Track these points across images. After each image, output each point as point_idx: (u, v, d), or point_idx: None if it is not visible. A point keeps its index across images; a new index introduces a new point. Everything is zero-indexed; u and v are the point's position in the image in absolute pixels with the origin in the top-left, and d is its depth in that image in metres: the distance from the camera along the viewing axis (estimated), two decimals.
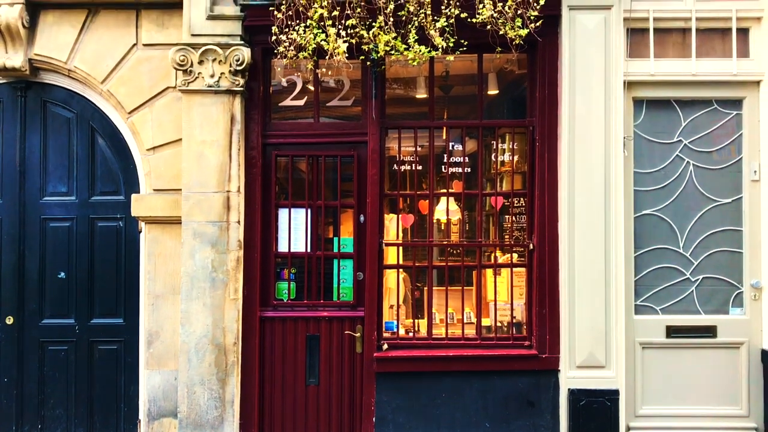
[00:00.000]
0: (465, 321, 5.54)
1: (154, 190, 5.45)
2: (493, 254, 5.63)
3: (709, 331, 5.36)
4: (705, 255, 5.40)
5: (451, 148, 5.61)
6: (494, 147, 5.58)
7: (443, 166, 5.59)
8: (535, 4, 5.02)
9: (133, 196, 5.44)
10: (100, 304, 5.59)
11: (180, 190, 5.33)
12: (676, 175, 5.41)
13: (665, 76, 5.34)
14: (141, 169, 5.54)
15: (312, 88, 5.61)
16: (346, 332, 5.44)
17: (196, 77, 5.26)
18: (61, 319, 5.59)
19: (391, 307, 5.64)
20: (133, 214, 5.44)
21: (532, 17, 5.03)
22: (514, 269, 5.54)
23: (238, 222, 5.34)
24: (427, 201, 5.57)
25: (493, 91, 5.80)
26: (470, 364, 5.35)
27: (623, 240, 5.24)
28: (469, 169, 5.61)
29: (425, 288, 5.56)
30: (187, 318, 5.26)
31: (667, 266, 5.41)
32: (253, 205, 5.41)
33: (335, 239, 5.57)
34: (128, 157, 5.58)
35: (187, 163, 5.29)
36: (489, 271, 5.61)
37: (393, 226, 5.66)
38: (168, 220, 5.40)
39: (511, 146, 5.61)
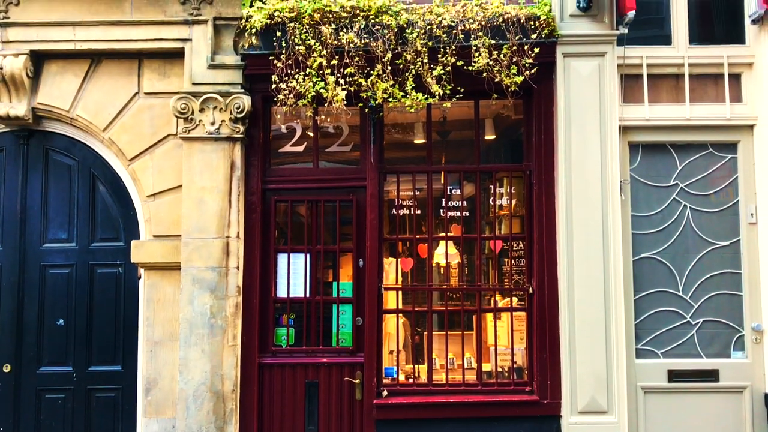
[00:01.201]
0: (465, 366, 5.50)
1: (154, 236, 5.47)
2: (492, 298, 5.62)
3: (711, 375, 5.31)
4: (705, 298, 5.39)
5: (449, 192, 5.65)
6: (492, 191, 5.62)
7: (442, 210, 5.63)
8: (530, 52, 5.14)
9: (133, 243, 5.45)
10: (98, 351, 5.56)
11: (179, 236, 5.34)
12: (674, 218, 5.44)
13: (660, 121, 5.42)
14: (141, 216, 5.56)
15: (311, 134, 5.68)
16: (346, 379, 5.39)
17: (197, 125, 5.33)
18: (59, 367, 5.54)
19: (391, 352, 5.60)
20: (132, 261, 5.45)
21: (527, 64, 5.14)
22: (514, 313, 5.53)
23: (237, 267, 5.34)
24: (426, 245, 5.58)
25: (490, 136, 5.87)
26: (471, 411, 5.30)
27: (623, 283, 5.24)
28: (467, 213, 5.64)
29: (425, 333, 5.53)
30: (185, 365, 5.23)
31: (667, 309, 5.40)
32: (253, 251, 5.42)
33: (334, 284, 5.57)
34: (129, 204, 5.62)
35: (187, 209, 5.32)
36: (489, 315, 5.59)
37: (392, 270, 5.67)
38: (167, 266, 5.41)
39: (508, 190, 5.65)
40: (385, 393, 5.34)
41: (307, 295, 5.51)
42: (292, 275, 5.53)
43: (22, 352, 5.54)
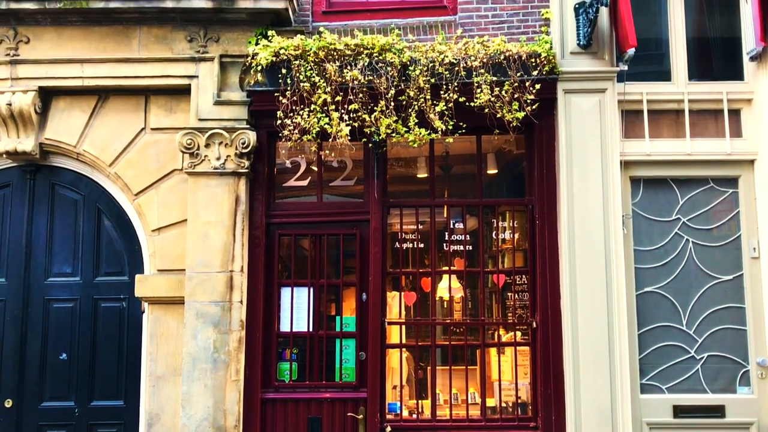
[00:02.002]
0: (469, 401, 5.47)
1: (158, 270, 5.49)
2: (496, 332, 5.60)
3: (718, 410, 5.27)
4: (709, 332, 5.37)
5: (452, 225, 5.67)
6: (495, 225, 5.65)
7: (445, 244, 5.65)
8: (531, 89, 5.21)
9: (137, 277, 5.47)
10: (100, 386, 5.54)
11: (184, 270, 5.36)
12: (676, 252, 5.45)
13: (661, 156, 5.46)
14: (146, 250, 5.59)
15: (315, 168, 5.73)
16: (349, 414, 5.35)
17: (203, 160, 5.39)
18: (61, 402, 5.51)
19: (394, 387, 5.57)
20: (136, 295, 5.45)
21: (528, 100, 5.20)
22: (518, 348, 5.51)
23: (241, 302, 5.35)
24: (430, 279, 5.59)
25: (492, 171, 5.92)
26: None
27: (626, 317, 5.23)
28: (470, 247, 5.66)
29: (429, 368, 5.51)
30: (188, 400, 5.20)
31: (671, 344, 5.37)
32: (256, 285, 5.43)
33: (337, 318, 5.57)
34: (133, 238, 5.65)
35: (191, 243, 5.35)
36: (493, 350, 5.58)
37: (395, 303, 5.67)
38: (171, 301, 5.41)
39: (511, 224, 5.68)
40: (388, 429, 5.30)
41: (310, 330, 5.51)
42: (296, 309, 5.53)
43: (24, 386, 5.52)
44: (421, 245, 5.64)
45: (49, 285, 5.62)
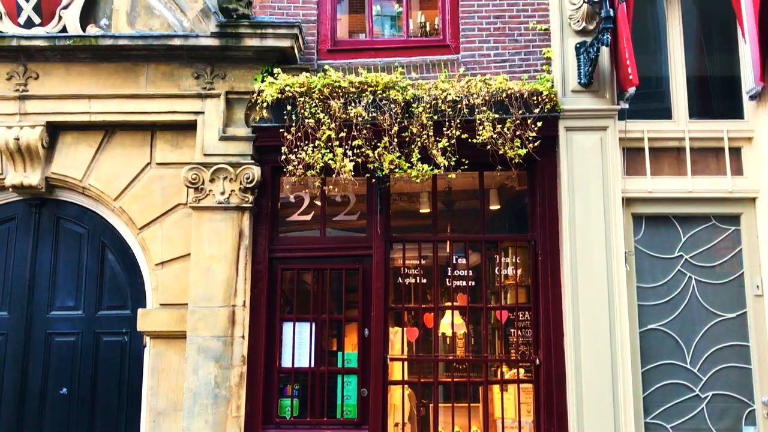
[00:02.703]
0: None
1: (161, 304, 5.48)
2: (499, 369, 5.57)
3: None
4: (713, 371, 5.33)
5: (454, 261, 5.68)
6: (498, 260, 5.66)
7: (447, 279, 5.65)
8: (533, 126, 5.26)
9: (140, 311, 5.46)
10: (101, 421, 5.49)
11: (186, 304, 5.36)
12: (679, 289, 5.44)
13: (662, 193, 5.48)
14: (149, 284, 5.60)
15: (319, 203, 5.76)
16: None
17: (207, 194, 5.43)
18: None
19: (396, 425, 5.53)
20: (138, 329, 5.44)
21: (530, 137, 5.25)
22: (522, 385, 5.47)
23: (243, 337, 5.34)
24: (432, 314, 5.58)
25: (494, 206, 5.95)
26: None
27: (630, 355, 5.19)
28: (473, 283, 5.66)
29: (431, 405, 5.46)
30: None
31: (675, 382, 5.33)
32: (258, 320, 5.42)
33: (339, 353, 5.54)
34: (137, 272, 5.66)
35: (194, 277, 5.36)
36: (496, 387, 5.55)
37: (398, 339, 5.65)
38: (173, 335, 5.39)
39: (514, 260, 5.68)
40: None
41: (312, 365, 5.48)
42: (297, 345, 5.51)
43: (24, 421, 5.49)
44: (424, 280, 5.64)
45: (51, 319, 5.61)
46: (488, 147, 5.26)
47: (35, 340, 5.58)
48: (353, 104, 5.34)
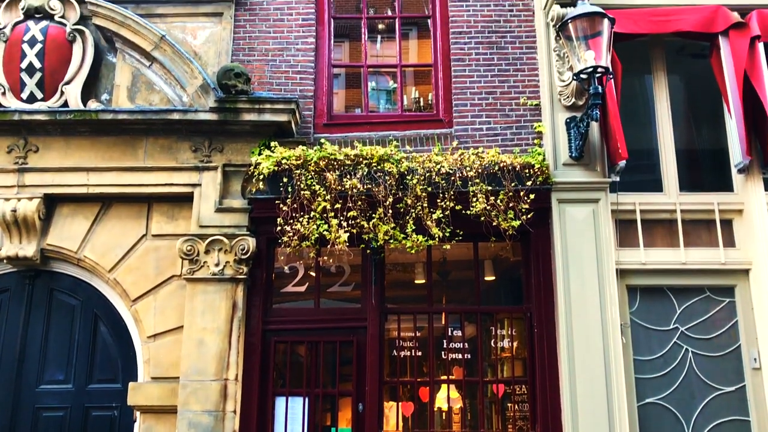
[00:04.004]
0: None
1: (152, 377, 5.39)
2: None
3: None
4: None
5: (450, 333, 5.64)
6: (493, 332, 5.62)
7: (443, 352, 5.59)
8: (526, 198, 5.33)
9: (131, 385, 5.36)
10: None
11: (177, 378, 5.27)
12: (676, 362, 5.39)
13: (656, 265, 5.50)
14: (140, 357, 5.52)
15: (313, 274, 5.76)
16: None
17: (202, 266, 5.43)
18: None
19: None
20: (129, 403, 5.33)
21: (523, 209, 5.31)
22: None
23: (234, 412, 5.23)
24: (428, 388, 5.50)
25: (490, 277, 5.95)
26: None
27: (628, 430, 5.09)
28: (469, 355, 5.59)
29: None
30: None
31: None
32: (251, 394, 5.33)
33: (333, 429, 5.43)
34: (129, 344, 5.59)
35: (186, 350, 5.29)
36: None
37: (393, 414, 5.54)
38: (163, 410, 5.28)
39: (510, 332, 5.65)
40: None
41: None
42: (290, 420, 5.39)
43: None
44: (419, 353, 5.59)
45: (40, 393, 5.50)
46: (482, 218, 5.32)
47: (23, 414, 5.45)
48: (349, 176, 5.42)
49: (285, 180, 5.43)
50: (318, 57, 6.14)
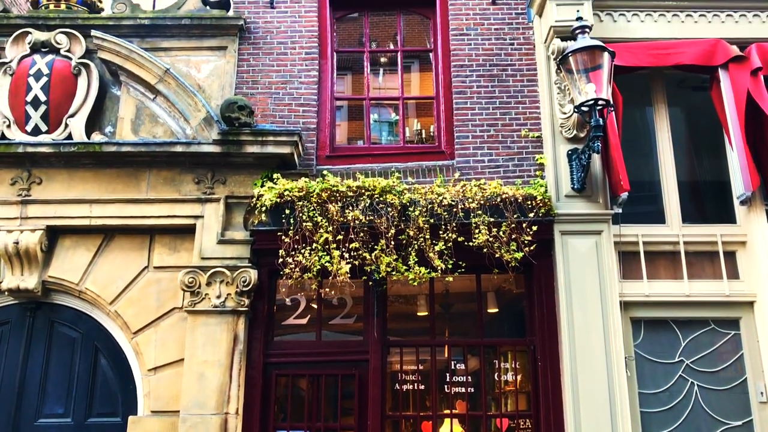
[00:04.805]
0: None
1: (152, 411, 5.33)
2: None
3: None
4: None
5: (453, 366, 5.59)
6: (497, 365, 5.57)
7: (446, 385, 5.53)
8: (529, 230, 5.32)
9: (130, 419, 5.30)
10: None
11: (178, 411, 5.21)
12: (682, 395, 5.32)
13: (660, 297, 5.47)
14: (140, 390, 5.46)
15: (315, 306, 5.73)
16: None
17: (203, 298, 5.40)
18: None
19: None
20: None
21: (526, 241, 5.30)
22: None
23: None
24: (431, 422, 5.43)
25: (492, 309, 5.92)
26: None
27: None
28: (472, 389, 5.53)
29: None
30: None
31: None
32: (251, 428, 5.26)
33: None
34: (129, 377, 5.54)
35: (187, 383, 5.24)
36: None
37: None
38: None
39: (513, 365, 5.59)
40: None
41: None
42: None
43: None
44: (422, 386, 5.52)
45: (38, 427, 5.44)
46: (485, 250, 5.30)
47: None
48: (351, 208, 5.42)
49: (287, 212, 5.43)
50: (321, 90, 6.20)
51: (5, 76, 5.91)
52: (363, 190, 5.50)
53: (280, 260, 5.33)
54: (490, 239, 5.32)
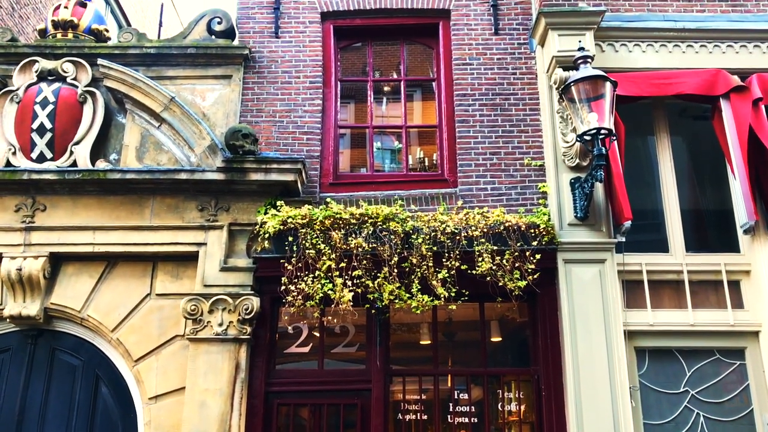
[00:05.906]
0: None
1: None
2: None
3: None
4: None
5: (456, 396, 5.53)
6: (500, 395, 5.52)
7: (449, 416, 5.47)
8: (532, 258, 5.31)
9: None
10: None
11: None
12: (687, 426, 5.27)
13: (664, 326, 5.44)
14: (141, 419, 5.41)
15: (317, 334, 5.70)
16: None
17: (205, 326, 5.38)
18: None
19: None
20: None
21: (529, 269, 5.28)
22: None
23: None
24: None
25: (496, 338, 5.88)
26: None
27: None
28: (475, 419, 5.47)
29: None
30: None
31: None
32: None
33: None
34: (130, 406, 5.49)
35: (188, 412, 5.20)
36: None
37: None
38: None
39: (517, 395, 5.54)
40: None
41: None
42: None
43: None
44: (425, 417, 5.46)
45: None
46: (488, 278, 5.28)
47: None
48: (354, 235, 5.42)
49: (290, 239, 5.43)
50: (325, 118, 6.25)
51: (12, 103, 5.97)
52: (366, 218, 5.50)
53: (283, 288, 5.31)
54: (494, 267, 5.30)
